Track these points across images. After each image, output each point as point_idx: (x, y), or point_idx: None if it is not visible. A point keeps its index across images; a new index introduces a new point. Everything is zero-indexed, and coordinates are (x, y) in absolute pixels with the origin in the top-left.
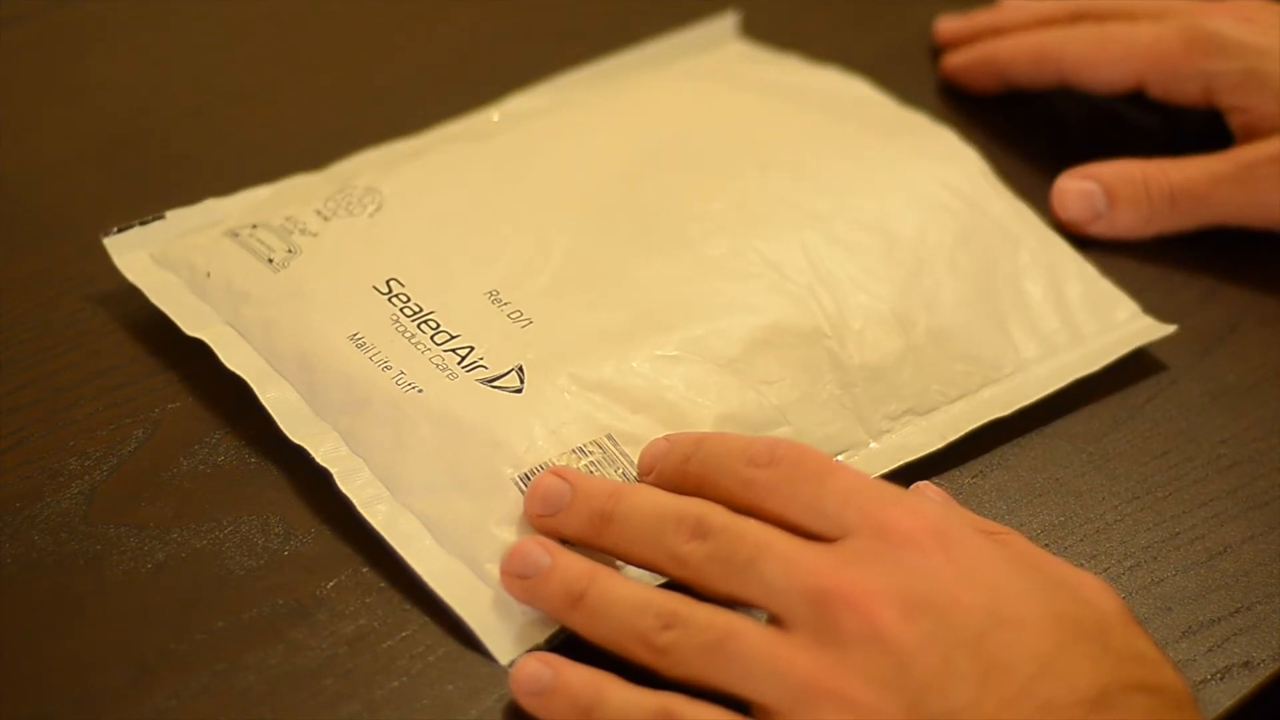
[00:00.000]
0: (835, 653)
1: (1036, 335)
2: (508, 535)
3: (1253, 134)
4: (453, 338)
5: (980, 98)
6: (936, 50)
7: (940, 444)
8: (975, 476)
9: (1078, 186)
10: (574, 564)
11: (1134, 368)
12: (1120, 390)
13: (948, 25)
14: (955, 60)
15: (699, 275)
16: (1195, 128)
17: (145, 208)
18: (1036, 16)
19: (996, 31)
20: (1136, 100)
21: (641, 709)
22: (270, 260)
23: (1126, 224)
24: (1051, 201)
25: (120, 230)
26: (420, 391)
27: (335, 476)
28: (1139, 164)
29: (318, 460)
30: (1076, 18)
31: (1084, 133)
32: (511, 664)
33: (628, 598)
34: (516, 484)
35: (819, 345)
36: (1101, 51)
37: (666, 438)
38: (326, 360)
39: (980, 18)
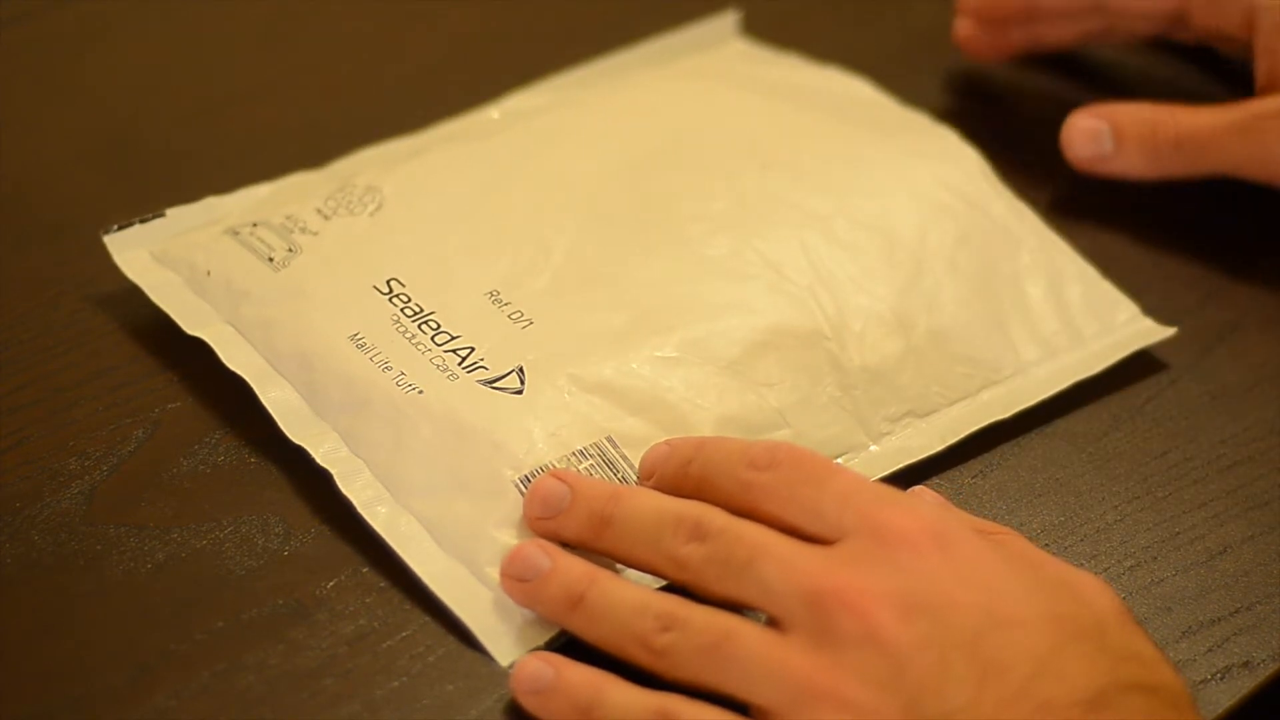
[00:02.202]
0: (832, 654)
1: (1036, 337)
2: (507, 538)
3: (1274, 83)
4: (453, 338)
5: (983, 96)
6: (937, 50)
7: (940, 446)
8: (975, 476)
9: (1087, 124)
10: (573, 567)
11: (1134, 368)
12: (1120, 390)
13: None
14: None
15: (699, 275)
16: None
17: (146, 207)
18: None
19: None
20: (1138, 99)
21: (641, 709)
22: (271, 259)
23: (1132, 165)
24: (1061, 139)
25: (120, 228)
26: (421, 392)
27: (336, 478)
28: (1150, 107)
29: (318, 461)
30: None
31: None
32: (512, 665)
33: (627, 600)
34: (516, 486)
35: (819, 347)
36: None
37: (667, 442)
38: (327, 360)
39: None
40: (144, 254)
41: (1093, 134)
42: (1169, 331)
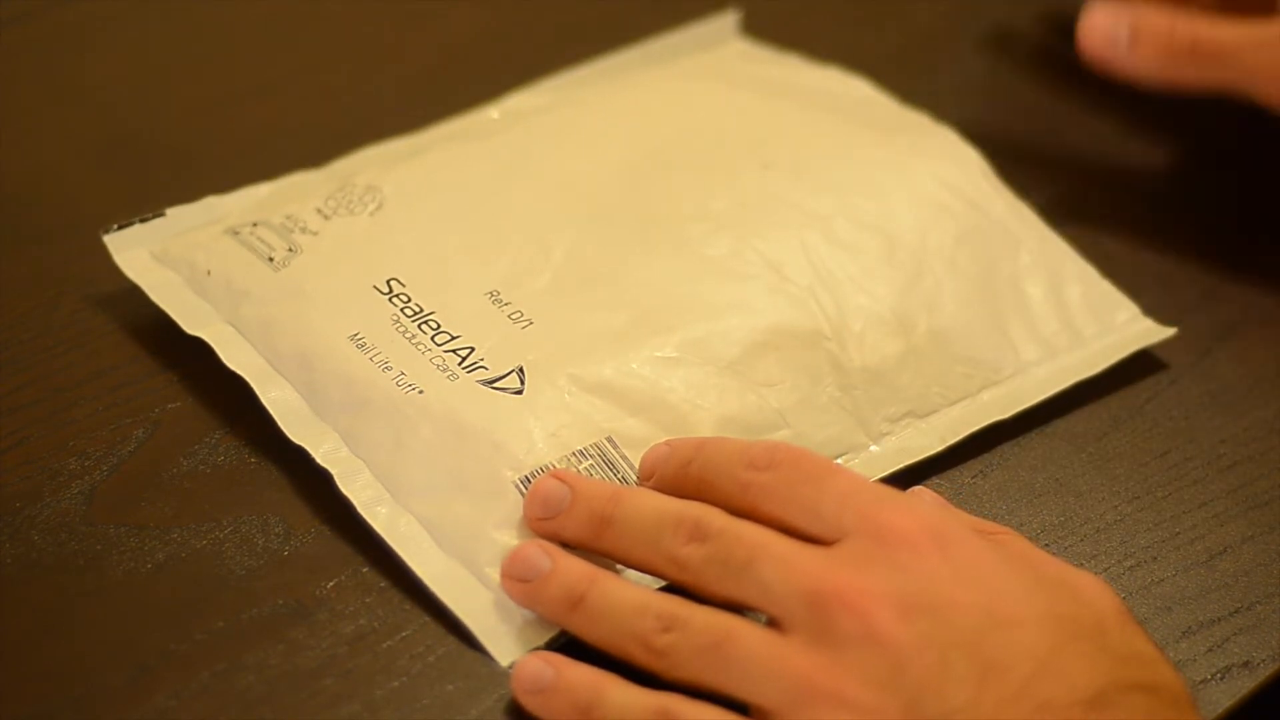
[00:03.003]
0: (832, 653)
1: (1036, 337)
2: (507, 538)
3: None
4: (453, 338)
5: (983, 96)
6: (937, 50)
7: (940, 446)
8: (975, 476)
9: (1104, 20)
10: (574, 567)
11: (1134, 368)
12: (1120, 390)
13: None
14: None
15: (699, 275)
16: (1200, 131)
17: (146, 206)
18: None
19: None
20: (1140, 102)
21: (641, 708)
22: (271, 259)
23: (1144, 65)
24: (1077, 32)
25: (120, 227)
26: (421, 393)
27: (336, 478)
28: (1171, 12)
29: (318, 461)
30: None
31: (1086, 132)
32: (512, 665)
33: (627, 600)
34: (517, 487)
35: (819, 347)
36: None
37: (667, 442)
38: (327, 360)
39: None
40: (144, 254)
41: (1110, 29)
42: (1169, 331)
